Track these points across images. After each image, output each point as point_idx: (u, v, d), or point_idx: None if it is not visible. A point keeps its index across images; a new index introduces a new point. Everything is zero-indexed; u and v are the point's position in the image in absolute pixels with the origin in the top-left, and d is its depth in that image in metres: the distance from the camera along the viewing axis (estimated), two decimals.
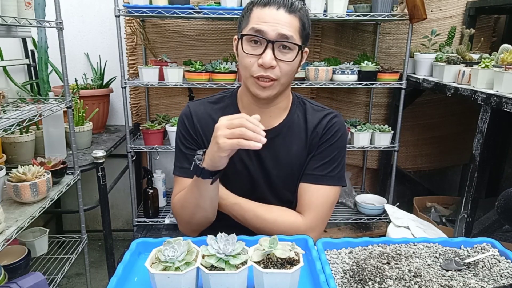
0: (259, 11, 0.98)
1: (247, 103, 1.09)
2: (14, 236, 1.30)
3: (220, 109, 1.12)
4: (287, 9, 0.97)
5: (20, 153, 1.81)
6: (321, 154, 1.08)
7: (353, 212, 2.50)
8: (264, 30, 0.96)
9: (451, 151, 2.74)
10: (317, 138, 1.09)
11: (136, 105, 2.58)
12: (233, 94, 1.15)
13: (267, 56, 0.96)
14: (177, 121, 1.17)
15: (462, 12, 2.47)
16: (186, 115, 1.13)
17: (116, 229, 2.79)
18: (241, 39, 1.00)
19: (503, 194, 0.89)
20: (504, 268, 0.85)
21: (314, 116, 1.11)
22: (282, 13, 0.96)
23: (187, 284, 0.73)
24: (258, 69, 0.98)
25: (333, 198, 1.09)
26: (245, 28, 1.00)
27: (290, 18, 0.97)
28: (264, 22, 0.96)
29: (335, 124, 1.10)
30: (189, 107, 1.14)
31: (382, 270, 0.81)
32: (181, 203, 1.07)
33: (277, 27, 0.95)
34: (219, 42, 2.49)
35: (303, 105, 1.14)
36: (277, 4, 0.97)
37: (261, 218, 1.04)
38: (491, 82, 1.66)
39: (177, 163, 1.13)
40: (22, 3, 1.50)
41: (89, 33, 2.51)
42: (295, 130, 1.10)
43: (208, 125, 1.09)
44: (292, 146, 1.09)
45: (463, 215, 1.72)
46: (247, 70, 1.00)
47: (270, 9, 0.97)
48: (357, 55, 2.45)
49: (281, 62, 0.98)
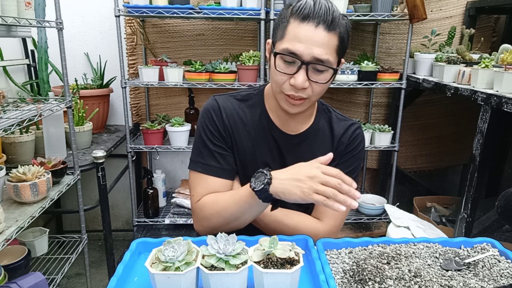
0: (296, 26, 0.91)
1: (275, 107, 1.07)
2: (14, 236, 1.30)
3: (247, 107, 1.09)
4: (327, 26, 0.90)
5: (20, 153, 1.81)
6: (344, 164, 1.10)
7: (353, 212, 2.50)
8: (298, 53, 0.91)
9: (451, 151, 2.74)
10: (342, 147, 1.10)
11: (136, 105, 2.58)
12: (259, 93, 1.12)
13: (299, 78, 0.92)
14: (200, 114, 1.10)
15: (462, 12, 2.47)
16: (214, 110, 1.07)
17: (116, 229, 2.79)
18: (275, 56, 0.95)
19: (503, 194, 0.89)
20: (504, 268, 0.85)
21: (339, 125, 1.12)
22: (320, 32, 0.90)
23: (187, 284, 0.73)
24: (290, 88, 0.95)
25: None
26: (280, 41, 0.95)
27: (329, 37, 0.91)
28: (299, 42, 0.91)
29: (358, 135, 1.12)
30: (217, 101, 1.08)
31: (382, 270, 0.81)
32: (217, 209, 1.01)
33: (312, 50, 0.90)
34: (219, 42, 2.49)
35: (328, 113, 1.14)
36: (316, 20, 0.90)
37: (282, 223, 1.04)
38: (491, 82, 1.66)
39: (201, 160, 1.06)
40: (22, 3, 1.50)
41: (89, 33, 2.51)
42: (320, 137, 1.11)
43: (236, 124, 1.06)
44: (317, 152, 1.08)
45: (463, 215, 1.72)
46: (278, 86, 0.97)
47: (308, 25, 0.90)
48: (357, 55, 2.44)
49: (314, 83, 0.95)
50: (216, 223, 1.02)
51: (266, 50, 1.05)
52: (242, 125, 1.07)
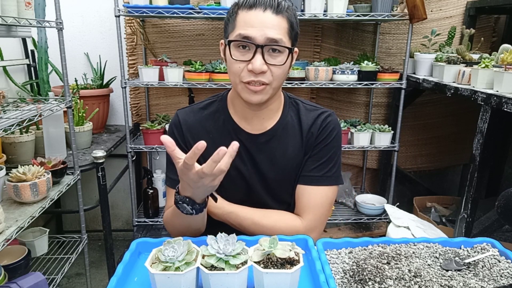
0: (245, 14, 0.94)
1: (239, 107, 1.06)
2: (14, 236, 1.30)
3: (210, 115, 1.10)
4: (274, 10, 0.93)
5: (20, 153, 1.81)
6: (317, 155, 1.07)
7: (353, 212, 2.50)
8: (252, 36, 0.92)
9: (451, 151, 2.74)
10: (313, 139, 1.07)
11: (136, 105, 2.58)
12: (222, 98, 1.12)
13: (257, 62, 0.93)
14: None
15: (462, 12, 2.47)
16: (175, 125, 1.10)
17: (116, 229, 2.79)
18: (229, 45, 0.96)
19: (503, 194, 0.89)
20: (504, 268, 0.85)
21: (308, 116, 1.09)
22: (269, 15, 0.93)
23: (187, 284, 0.73)
24: (248, 75, 0.95)
25: (331, 198, 1.08)
26: (232, 33, 0.97)
27: (278, 20, 0.94)
28: (251, 27, 0.93)
29: (330, 123, 1.08)
30: (178, 116, 1.10)
31: (382, 270, 0.81)
32: (171, 224, 1.04)
33: (265, 31, 0.92)
34: (219, 42, 2.49)
35: (295, 105, 1.12)
36: (263, 5, 0.93)
37: (259, 224, 1.03)
38: (491, 82, 1.66)
39: (168, 174, 1.10)
40: (22, 3, 1.50)
41: (89, 33, 2.51)
42: (289, 131, 1.09)
43: (198, 133, 1.07)
44: (287, 147, 1.08)
45: (463, 215, 1.72)
46: (237, 76, 0.97)
47: (256, 11, 0.93)
48: (357, 55, 2.44)
49: (272, 66, 0.95)
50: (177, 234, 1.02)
51: (221, 51, 1.05)
52: (205, 134, 1.07)
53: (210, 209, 1.04)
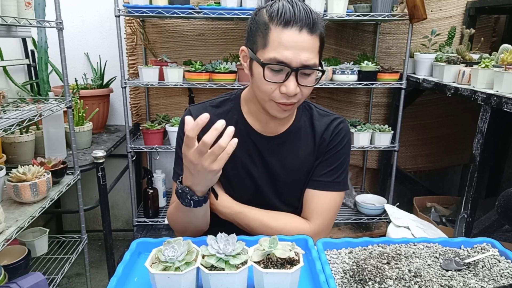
0: (280, 33, 0.89)
1: (255, 111, 1.06)
2: (14, 236, 1.30)
3: (223, 114, 1.09)
4: (310, 29, 0.89)
5: (20, 153, 1.81)
6: (328, 160, 1.08)
7: (353, 212, 2.50)
8: (287, 61, 0.89)
9: (451, 151, 2.74)
10: (325, 144, 1.08)
11: (136, 105, 2.58)
12: (236, 97, 1.11)
13: (291, 86, 0.91)
14: (178, 123, 1.14)
15: (462, 12, 2.47)
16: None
17: (116, 229, 2.79)
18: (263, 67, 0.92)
19: (503, 194, 0.89)
20: (504, 268, 0.85)
21: (321, 122, 1.10)
22: (304, 36, 0.89)
23: (187, 284, 0.73)
24: (281, 96, 0.94)
25: (338, 203, 1.10)
26: (263, 50, 0.92)
27: (312, 40, 0.91)
28: (285, 49, 0.89)
29: (342, 130, 1.09)
30: (191, 112, 1.09)
31: (382, 270, 0.81)
32: (173, 219, 1.05)
33: (300, 55, 0.89)
34: (219, 42, 2.49)
35: (309, 110, 1.12)
36: (299, 25, 0.88)
37: (268, 226, 1.03)
38: (491, 82, 1.66)
39: (177, 169, 1.09)
40: (22, 3, 1.50)
41: (89, 33, 2.51)
42: (302, 135, 1.09)
43: None
44: (299, 151, 1.08)
45: (463, 215, 1.72)
46: (267, 95, 0.95)
47: (292, 31, 0.88)
48: (357, 55, 2.45)
49: (303, 87, 0.94)
50: (179, 230, 1.04)
51: (241, 58, 1.03)
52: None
53: (219, 208, 1.05)
